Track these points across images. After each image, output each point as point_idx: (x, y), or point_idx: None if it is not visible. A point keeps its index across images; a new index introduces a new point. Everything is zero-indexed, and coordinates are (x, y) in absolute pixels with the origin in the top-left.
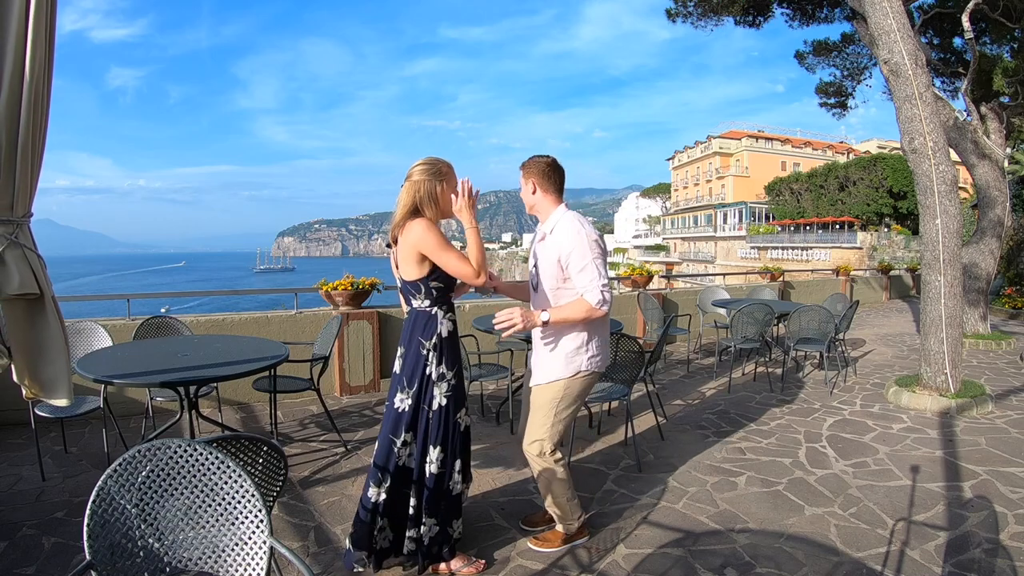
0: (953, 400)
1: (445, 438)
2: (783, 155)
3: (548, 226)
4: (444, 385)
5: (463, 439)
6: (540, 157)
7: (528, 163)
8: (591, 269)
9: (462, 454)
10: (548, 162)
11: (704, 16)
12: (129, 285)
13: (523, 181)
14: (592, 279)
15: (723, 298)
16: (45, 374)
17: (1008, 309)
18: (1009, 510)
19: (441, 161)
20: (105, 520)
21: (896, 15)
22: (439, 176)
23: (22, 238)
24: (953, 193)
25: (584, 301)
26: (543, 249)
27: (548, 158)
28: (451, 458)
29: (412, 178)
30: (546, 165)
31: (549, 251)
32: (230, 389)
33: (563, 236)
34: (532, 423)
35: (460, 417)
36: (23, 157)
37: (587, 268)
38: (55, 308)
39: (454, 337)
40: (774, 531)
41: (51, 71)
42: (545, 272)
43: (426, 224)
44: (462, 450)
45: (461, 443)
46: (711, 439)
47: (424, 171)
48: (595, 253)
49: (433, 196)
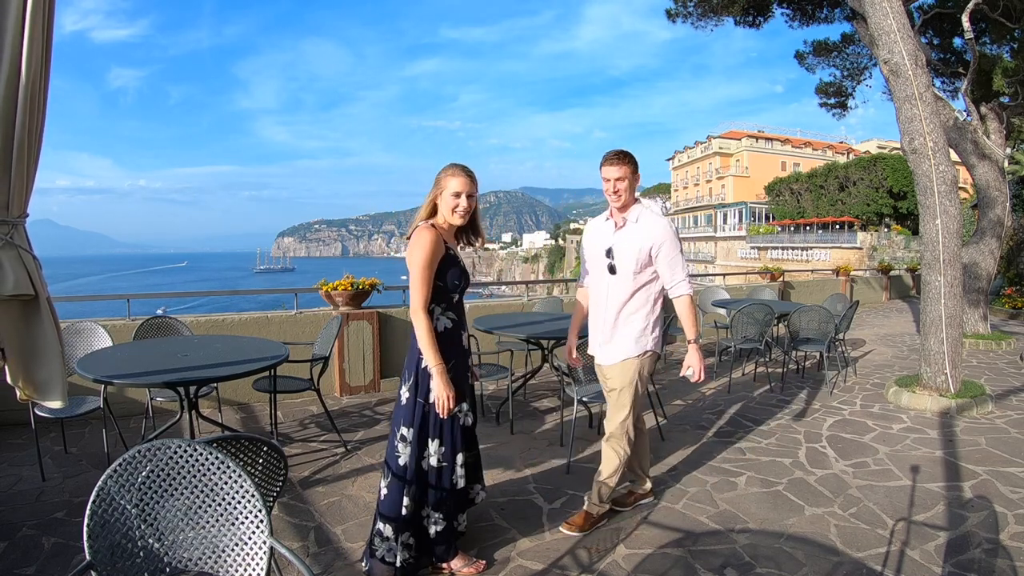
0: (953, 400)
1: (442, 431)
2: (783, 155)
3: (632, 215)
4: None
5: (465, 435)
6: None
7: (625, 154)
8: (680, 261)
9: (464, 450)
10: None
11: (704, 16)
12: (129, 285)
13: (627, 171)
14: (683, 271)
15: (723, 298)
16: (39, 376)
17: (1008, 309)
18: (1009, 510)
19: (445, 169)
20: (105, 520)
21: (896, 15)
22: (436, 184)
23: (17, 239)
24: (953, 193)
25: (686, 299)
26: (624, 237)
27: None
28: (450, 451)
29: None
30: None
31: (634, 239)
32: (230, 389)
33: (654, 227)
34: (616, 407)
35: (458, 411)
36: (19, 157)
37: (676, 259)
38: (50, 310)
39: (451, 333)
40: (774, 531)
41: (48, 71)
42: (628, 257)
43: (422, 236)
44: (464, 446)
45: (463, 439)
46: (711, 439)
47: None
48: (680, 248)
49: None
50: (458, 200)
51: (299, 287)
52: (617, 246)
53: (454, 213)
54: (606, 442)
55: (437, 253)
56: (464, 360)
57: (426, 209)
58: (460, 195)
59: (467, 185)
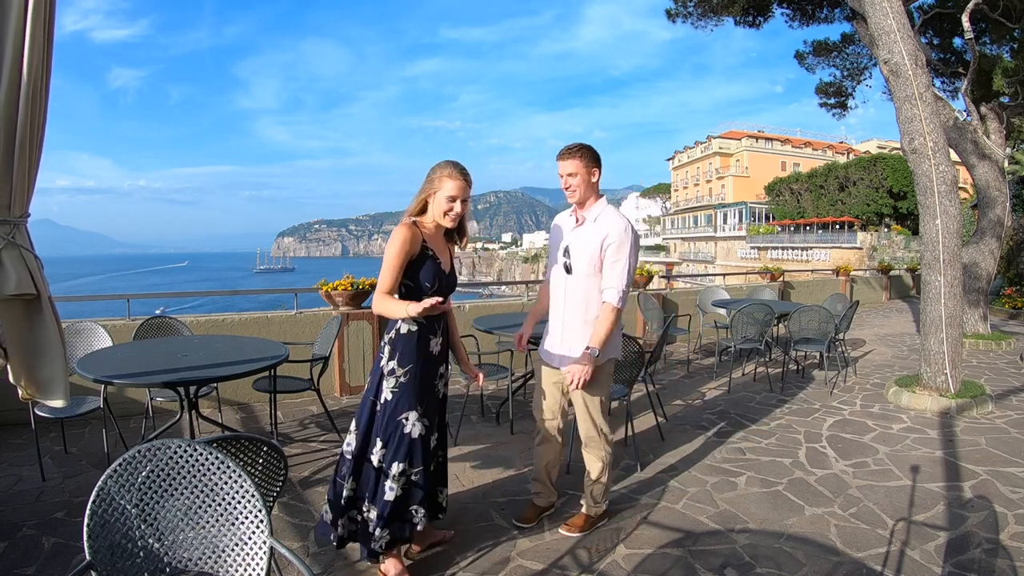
0: (953, 400)
1: (387, 433)
2: (783, 155)
3: (592, 213)
4: (392, 380)
5: (411, 446)
6: (590, 145)
7: (579, 148)
8: (623, 267)
9: (406, 460)
10: (599, 153)
11: (704, 16)
12: (129, 285)
13: (579, 165)
14: (621, 279)
15: (723, 298)
16: (41, 375)
17: (1008, 309)
18: (1009, 510)
19: (441, 168)
20: (105, 520)
21: (896, 15)
22: (429, 182)
23: (19, 238)
24: (953, 193)
25: (609, 307)
26: (581, 235)
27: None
28: (391, 457)
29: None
30: (599, 156)
31: (591, 238)
32: (230, 389)
33: (612, 223)
34: (588, 415)
35: (404, 418)
36: (20, 157)
37: (620, 264)
38: (52, 309)
39: (413, 338)
40: (774, 531)
41: (49, 70)
42: (583, 258)
43: (396, 232)
44: (407, 456)
45: (408, 449)
46: (711, 439)
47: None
48: (633, 255)
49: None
50: (452, 205)
51: (299, 287)
52: (574, 245)
53: (446, 216)
54: (585, 449)
55: (408, 250)
56: (431, 368)
57: (417, 206)
58: (456, 200)
59: (464, 191)
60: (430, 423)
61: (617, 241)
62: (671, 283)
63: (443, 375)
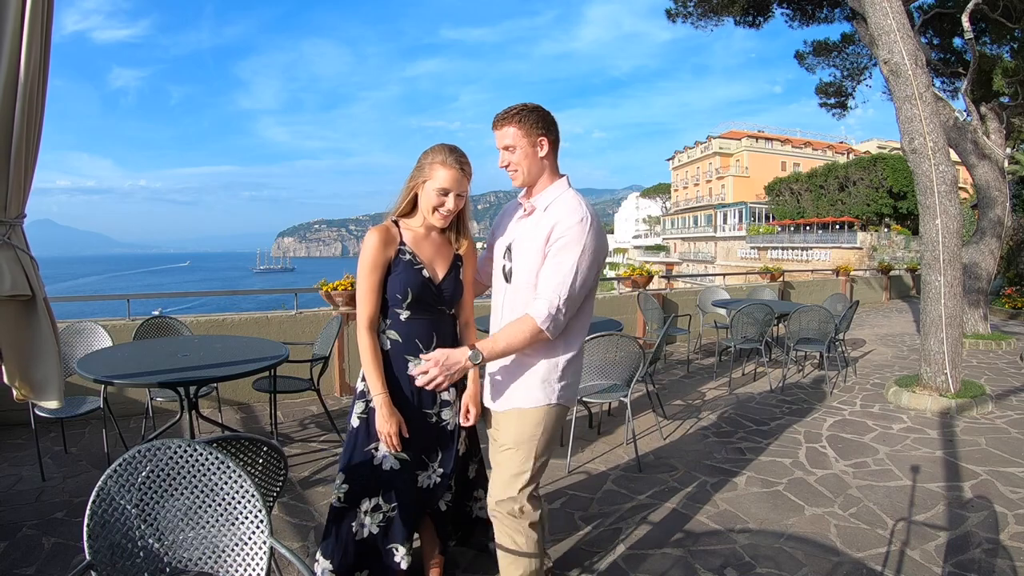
0: (953, 400)
1: (348, 465)
2: (783, 155)
3: (543, 200)
4: (361, 404)
5: (382, 480)
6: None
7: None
8: (565, 274)
9: (378, 495)
10: (552, 117)
11: (704, 16)
12: (129, 285)
13: (517, 134)
14: (558, 286)
15: (723, 298)
16: (36, 376)
17: (1008, 309)
18: (1009, 510)
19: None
20: (105, 520)
21: (896, 15)
22: (419, 169)
23: (15, 239)
24: (953, 193)
25: (529, 319)
26: (527, 230)
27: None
28: (356, 492)
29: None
30: (552, 119)
31: (538, 230)
32: (230, 389)
33: (564, 212)
34: (501, 471)
35: (374, 448)
36: (16, 158)
37: (561, 268)
38: (47, 310)
39: (387, 358)
40: (774, 531)
41: (47, 71)
42: (525, 261)
43: (366, 239)
44: (378, 491)
45: (378, 482)
46: (711, 439)
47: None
48: (586, 260)
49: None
50: (444, 199)
51: (299, 287)
52: (517, 242)
53: (435, 213)
54: (493, 518)
55: (384, 259)
56: (412, 395)
57: (404, 199)
58: (448, 194)
59: (458, 182)
60: (412, 458)
61: (565, 238)
62: (671, 283)
63: (441, 403)
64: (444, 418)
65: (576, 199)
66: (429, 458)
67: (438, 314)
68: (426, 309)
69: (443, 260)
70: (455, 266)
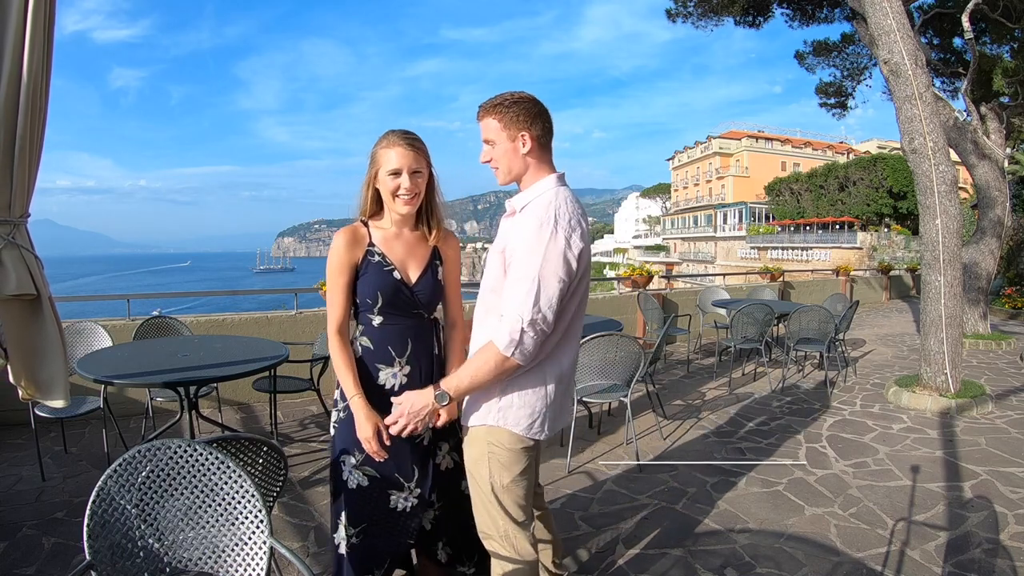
0: (953, 400)
1: (332, 474)
2: (783, 155)
3: (521, 201)
4: (335, 414)
5: (348, 498)
6: (521, 96)
7: (506, 102)
8: (527, 286)
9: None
10: (539, 108)
11: (704, 16)
12: (129, 285)
13: (496, 127)
14: (519, 304)
15: (723, 298)
16: (42, 375)
17: (1008, 309)
18: (1009, 510)
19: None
20: (105, 520)
21: (896, 15)
22: (371, 161)
23: (19, 239)
24: (953, 193)
25: (491, 347)
26: (506, 232)
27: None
28: (335, 502)
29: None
30: (539, 111)
31: (510, 235)
32: (230, 389)
33: (525, 218)
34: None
35: (342, 461)
36: (20, 157)
37: (521, 282)
38: (52, 309)
39: (360, 364)
40: (774, 531)
41: (49, 71)
42: (489, 267)
43: (337, 238)
44: (344, 509)
45: (344, 501)
46: (711, 439)
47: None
48: (552, 266)
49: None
50: (397, 181)
51: (299, 287)
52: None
53: (396, 199)
54: (483, 539)
55: (344, 260)
56: (383, 406)
57: (365, 197)
58: (400, 173)
59: (407, 159)
60: (383, 476)
61: (521, 248)
62: (671, 283)
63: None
64: (419, 432)
65: (547, 201)
66: (404, 477)
67: (415, 319)
68: (401, 313)
69: (417, 260)
70: (432, 266)
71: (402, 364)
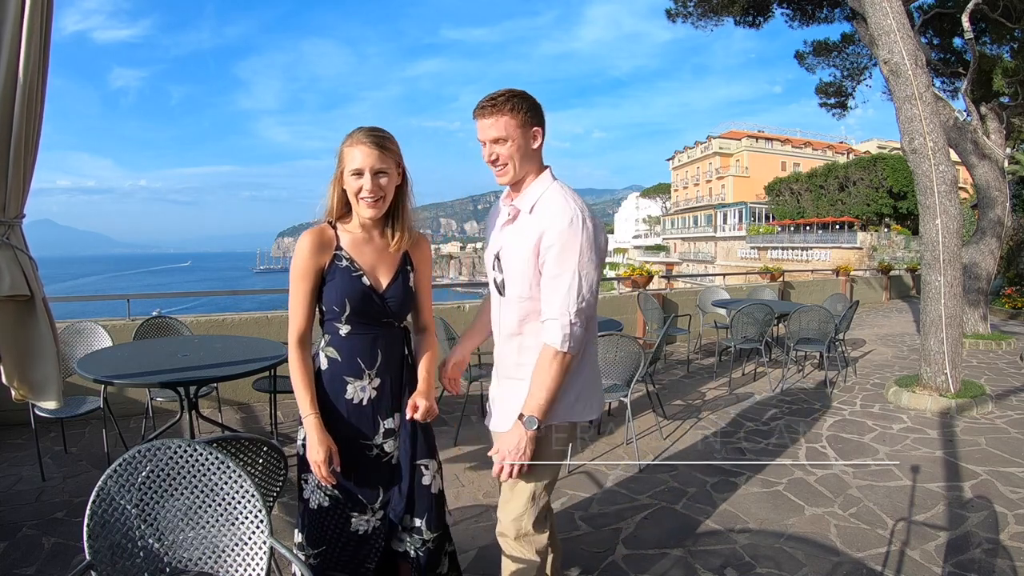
0: (953, 400)
1: (297, 490)
2: (783, 155)
3: (527, 200)
4: (301, 431)
5: (308, 517)
6: (524, 92)
7: (517, 98)
8: (569, 283)
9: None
10: (540, 104)
11: (704, 16)
12: (129, 285)
13: (511, 125)
14: (565, 300)
15: (723, 298)
16: (34, 376)
17: (1008, 309)
18: (1009, 510)
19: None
20: (105, 520)
21: (896, 15)
22: (338, 160)
23: (13, 239)
24: (953, 193)
25: (547, 350)
26: (514, 236)
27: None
28: (298, 516)
29: None
30: (542, 107)
31: (526, 237)
32: (230, 389)
33: (552, 214)
34: (508, 493)
35: (304, 479)
36: (16, 158)
37: (562, 279)
38: (46, 310)
39: (324, 377)
40: (774, 531)
41: (46, 72)
42: (516, 268)
43: (302, 240)
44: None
45: (303, 519)
46: (711, 439)
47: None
48: (587, 262)
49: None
50: (360, 182)
51: None
52: (505, 251)
53: (360, 201)
54: (501, 538)
55: (309, 264)
56: (351, 422)
57: (331, 198)
58: (362, 174)
59: (371, 158)
60: (345, 497)
61: (558, 244)
62: (671, 283)
63: (384, 432)
64: (387, 451)
65: (561, 195)
66: (367, 499)
67: (385, 327)
68: (370, 322)
69: (387, 266)
70: (403, 271)
71: (371, 376)
